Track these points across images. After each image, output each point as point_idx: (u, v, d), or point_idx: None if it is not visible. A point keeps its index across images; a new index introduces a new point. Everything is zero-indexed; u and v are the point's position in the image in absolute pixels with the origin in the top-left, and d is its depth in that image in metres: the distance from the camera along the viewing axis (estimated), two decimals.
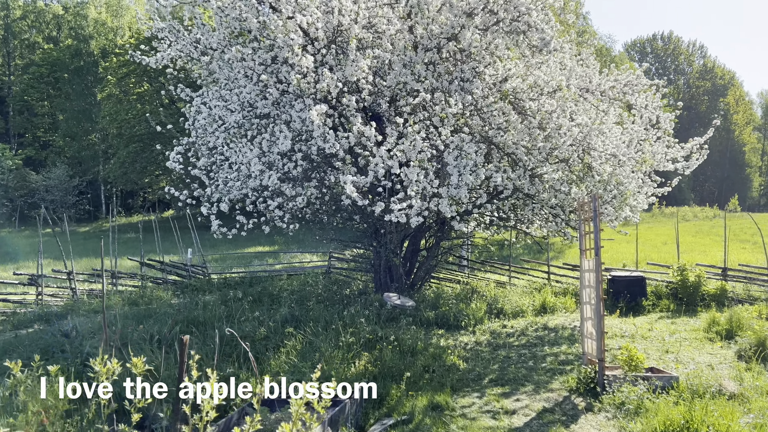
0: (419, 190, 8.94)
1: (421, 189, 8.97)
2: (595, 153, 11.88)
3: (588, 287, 7.94)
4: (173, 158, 11.02)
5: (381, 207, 8.68)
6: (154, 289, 15.43)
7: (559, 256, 27.08)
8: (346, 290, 15.85)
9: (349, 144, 9.58)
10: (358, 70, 9.87)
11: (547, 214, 13.65)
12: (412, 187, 8.78)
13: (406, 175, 8.82)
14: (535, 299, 15.17)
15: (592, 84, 12.21)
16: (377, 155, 8.97)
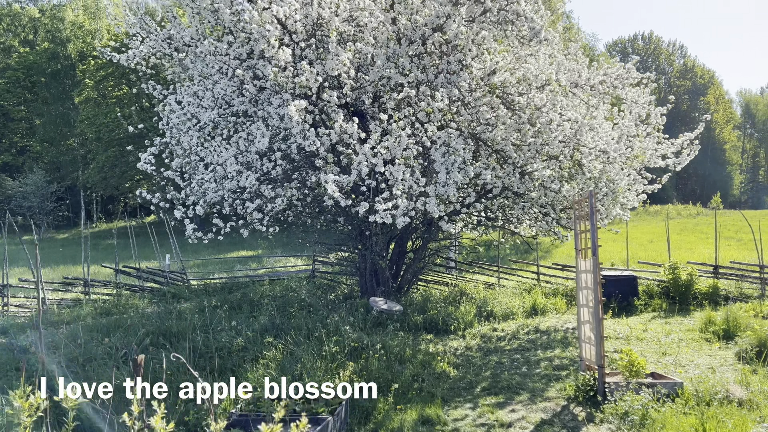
0: (405, 189, 8.46)
1: (407, 188, 8.49)
2: (585, 149, 11.49)
3: (585, 289, 7.49)
4: (145, 160, 10.44)
5: (365, 207, 8.19)
6: (129, 297, 14.79)
7: (546, 255, 26.77)
8: (330, 295, 15.32)
9: (330, 142, 9.08)
10: (339, 64, 9.38)
11: (537, 213, 13.24)
12: (397, 186, 8.29)
13: (391, 174, 8.33)
14: (525, 301, 14.75)
15: (582, 78, 11.81)
16: (360, 153, 8.48)
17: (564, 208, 12.37)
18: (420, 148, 8.99)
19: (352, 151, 8.61)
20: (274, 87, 9.23)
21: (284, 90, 8.94)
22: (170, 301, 15.22)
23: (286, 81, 8.76)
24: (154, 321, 10.18)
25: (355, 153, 8.87)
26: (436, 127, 8.69)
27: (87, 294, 14.32)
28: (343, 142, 9.19)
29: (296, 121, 8.42)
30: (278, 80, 8.61)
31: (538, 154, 10.15)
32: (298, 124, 8.58)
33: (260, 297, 13.92)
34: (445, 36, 8.77)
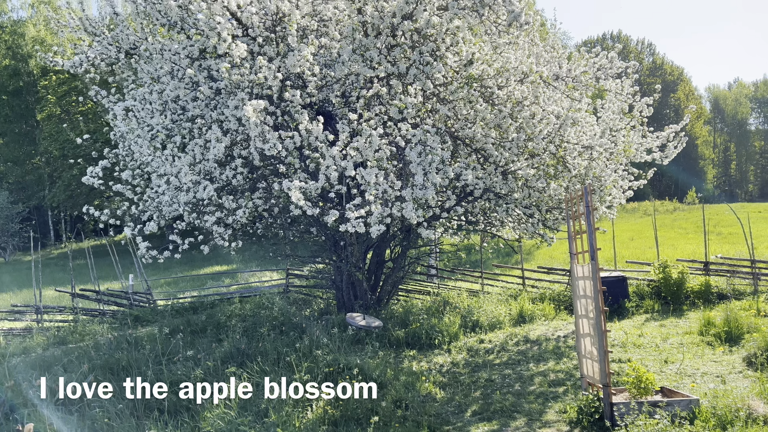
0: (379, 194, 7.60)
1: (381, 192, 7.63)
2: (569, 146, 10.77)
3: (584, 298, 6.69)
4: (91, 173, 9.44)
5: (335, 216, 7.32)
6: (87, 323, 13.67)
7: (528, 258, 26.09)
8: (306, 311, 14.39)
9: (294, 145, 8.19)
10: (301, 59, 8.51)
11: (521, 215, 12.48)
12: (370, 191, 7.44)
13: (363, 178, 7.47)
14: (512, 308, 13.99)
15: (563, 70, 11.11)
16: (328, 156, 7.61)
17: (550, 209, 11.63)
18: (394, 148, 8.15)
19: (320, 155, 7.74)
20: (231, 87, 8.32)
21: (240, 89, 8.04)
22: (133, 325, 14.15)
23: (241, 79, 7.86)
24: (104, 352, 9.15)
25: (322, 156, 8.00)
26: (410, 125, 7.87)
27: (39, 322, 13.20)
28: (309, 145, 8.31)
29: (254, 122, 7.53)
30: (232, 78, 7.72)
31: (521, 151, 9.39)
32: (256, 126, 7.68)
33: (228, 317, 12.92)
34: (415, 24, 7.98)
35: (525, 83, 9.28)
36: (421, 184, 7.42)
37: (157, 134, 9.71)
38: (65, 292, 14.31)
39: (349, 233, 12.14)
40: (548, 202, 11.29)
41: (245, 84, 8.01)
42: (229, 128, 8.86)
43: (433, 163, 7.42)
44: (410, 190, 7.42)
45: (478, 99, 8.56)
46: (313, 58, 9.27)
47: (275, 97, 8.78)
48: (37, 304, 13.26)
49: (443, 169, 7.69)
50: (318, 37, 9.81)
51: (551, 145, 9.69)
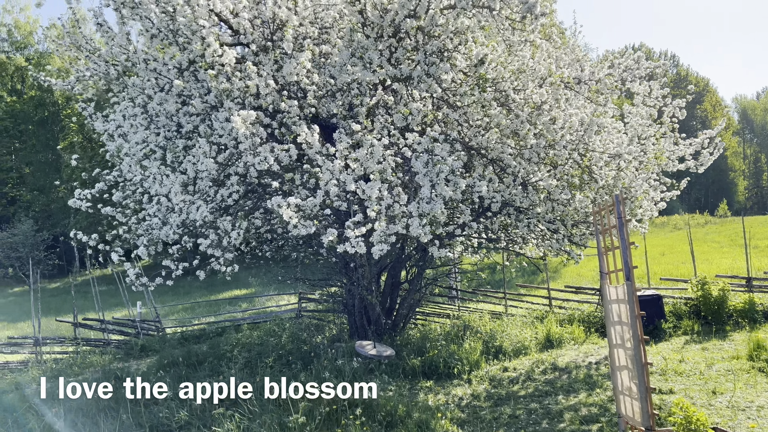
0: (382, 210, 6.80)
1: (385, 208, 6.83)
2: (594, 154, 9.87)
3: (618, 324, 5.77)
4: (78, 195, 8.81)
5: (332, 235, 6.52)
6: (89, 353, 13.03)
7: (555, 276, 25.00)
8: (317, 338, 13.56)
9: (290, 158, 7.45)
10: (298, 66, 7.82)
11: (544, 231, 11.55)
12: (372, 206, 6.64)
13: (364, 192, 6.68)
14: (538, 331, 13.00)
15: (585, 73, 10.24)
16: (325, 168, 6.84)
17: (576, 223, 10.69)
18: (399, 159, 7.35)
19: (318, 169, 6.98)
20: (220, 97, 7.63)
21: (230, 99, 7.35)
22: (138, 355, 13.48)
23: (229, 87, 7.17)
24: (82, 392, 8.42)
25: (320, 169, 7.23)
26: (417, 133, 7.10)
27: (38, 354, 12.59)
28: (307, 158, 7.58)
29: (243, 134, 6.81)
30: (218, 86, 7.04)
31: (541, 160, 8.52)
32: (246, 138, 6.97)
33: (235, 346, 12.15)
34: (419, 22, 7.23)
35: (544, 86, 8.45)
36: (428, 197, 6.60)
37: (149, 152, 9.06)
38: (66, 321, 13.71)
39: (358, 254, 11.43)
40: (574, 215, 10.36)
41: (235, 93, 7.32)
42: (220, 142, 8.16)
43: (441, 173, 6.61)
44: (416, 204, 6.60)
45: (491, 103, 7.74)
46: (313, 66, 8.58)
47: (270, 108, 8.08)
48: (36, 336, 12.66)
49: (454, 181, 6.88)
50: (318, 45, 9.13)
51: (575, 153, 8.81)
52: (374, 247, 6.37)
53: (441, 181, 6.59)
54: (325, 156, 7.23)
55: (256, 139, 7.13)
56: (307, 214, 7.09)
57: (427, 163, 6.79)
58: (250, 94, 7.60)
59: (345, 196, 7.31)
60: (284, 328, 14.30)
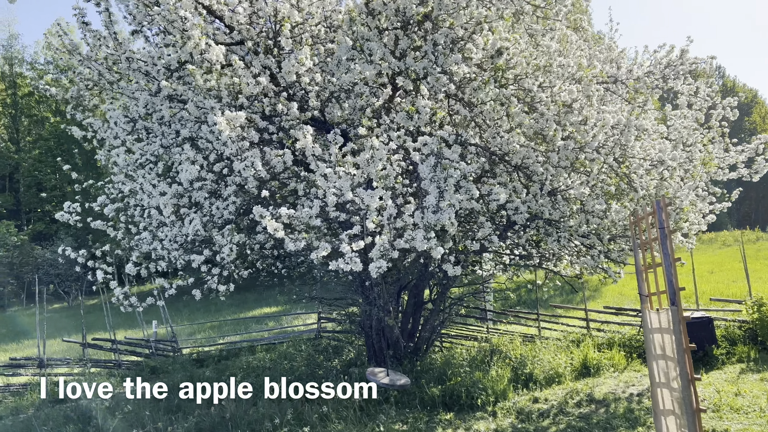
0: (384, 221, 5.93)
1: (387, 219, 5.96)
2: (633, 160, 8.82)
3: (662, 358, 4.73)
4: (67, 208, 8.21)
5: (325, 250, 5.67)
6: (96, 375, 12.43)
7: (595, 296, 23.55)
8: (333, 361, 12.69)
9: (284, 165, 6.67)
10: (296, 64, 7.07)
11: (579, 246, 10.47)
12: (371, 217, 5.78)
13: (362, 200, 5.83)
14: (574, 356, 11.86)
15: (621, 71, 9.22)
16: (318, 174, 6.02)
17: (613, 237, 9.61)
18: (405, 164, 6.48)
19: (315, 176, 6.17)
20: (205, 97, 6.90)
21: (216, 99, 6.63)
22: (148, 377, 12.83)
23: (215, 86, 6.44)
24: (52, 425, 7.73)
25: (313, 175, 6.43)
26: (427, 134, 6.23)
27: (43, 377, 12.06)
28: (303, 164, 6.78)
29: (228, 137, 6.06)
30: (205, 85, 6.32)
31: (572, 166, 7.52)
32: (232, 142, 6.22)
33: (243, 370, 11.38)
34: (425, 8, 6.39)
35: (575, 83, 7.48)
36: (435, 205, 5.70)
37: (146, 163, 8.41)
38: (74, 342, 13.18)
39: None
40: (610, 229, 9.30)
41: (223, 93, 6.59)
42: (217, 149, 7.43)
43: (450, 178, 5.71)
44: (420, 214, 5.71)
45: (510, 99, 6.81)
46: (317, 66, 7.82)
47: (268, 111, 7.34)
48: (41, 357, 12.14)
49: (466, 188, 5.96)
50: (324, 44, 8.38)
51: (610, 157, 7.78)
52: (372, 263, 5.49)
53: (450, 188, 5.69)
54: (321, 161, 6.43)
55: (245, 143, 6.37)
56: (302, 226, 6.28)
57: (435, 167, 5.90)
58: (244, 95, 6.87)
59: (344, 206, 6.47)
60: (300, 350, 13.50)
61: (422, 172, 5.97)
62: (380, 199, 5.94)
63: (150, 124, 8.03)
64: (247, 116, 6.97)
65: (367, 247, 5.99)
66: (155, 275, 8.29)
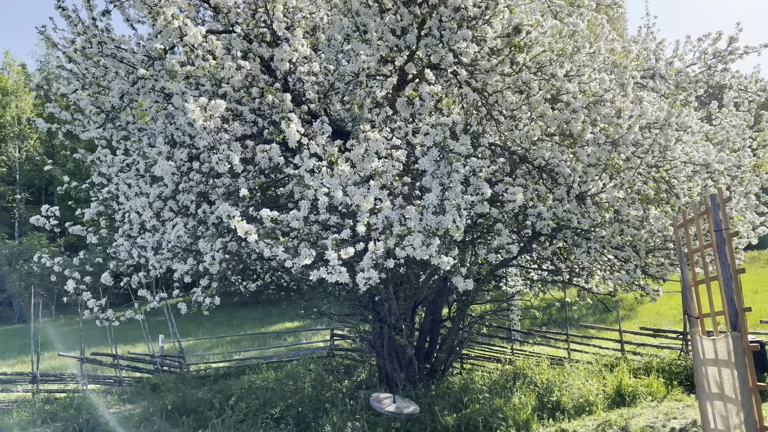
0: (379, 225, 5.04)
1: (384, 222, 5.06)
2: (676, 162, 7.78)
3: (719, 399, 3.70)
4: (46, 211, 7.52)
5: (307, 258, 4.80)
6: (93, 393, 11.73)
7: (630, 315, 22.16)
8: (343, 382, 11.75)
9: (270, 162, 5.84)
10: (289, 51, 6.28)
11: (612, 260, 9.41)
12: (362, 219, 4.90)
13: (353, 201, 4.96)
14: (607, 382, 10.71)
15: (660, 64, 8.20)
16: (304, 168, 5.17)
17: (651, 250, 8.54)
18: (410, 160, 5.60)
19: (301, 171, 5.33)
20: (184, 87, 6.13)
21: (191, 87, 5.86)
22: (149, 395, 12.08)
23: (192, 71, 5.67)
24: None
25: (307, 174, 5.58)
26: (429, 126, 5.33)
27: (36, 393, 11.41)
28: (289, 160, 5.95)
29: (201, 127, 5.26)
30: (174, 68, 5.56)
31: (602, 164, 6.51)
32: (207, 134, 5.42)
33: (244, 390, 10.54)
34: None
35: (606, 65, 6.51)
36: (437, 205, 4.79)
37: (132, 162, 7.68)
38: (70, 356, 12.54)
39: (383, 285, 9.64)
40: (648, 240, 8.23)
41: (205, 81, 5.82)
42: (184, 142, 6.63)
43: (455, 173, 4.79)
44: (417, 215, 4.79)
45: (530, 84, 5.86)
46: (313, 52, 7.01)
47: (256, 102, 6.54)
48: (34, 372, 11.50)
49: (476, 185, 5.03)
50: (324, 30, 7.57)
51: (648, 156, 6.75)
52: (360, 274, 4.59)
53: (455, 185, 4.77)
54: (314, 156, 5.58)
55: (224, 135, 5.56)
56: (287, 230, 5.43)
57: (437, 161, 4.99)
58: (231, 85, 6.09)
59: (337, 208, 5.61)
60: (309, 370, 12.61)
61: (422, 165, 5.07)
62: (380, 201, 5.06)
63: (131, 119, 7.30)
64: (231, 107, 6.18)
65: (360, 254, 5.10)
66: (141, 287, 7.53)
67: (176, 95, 6.83)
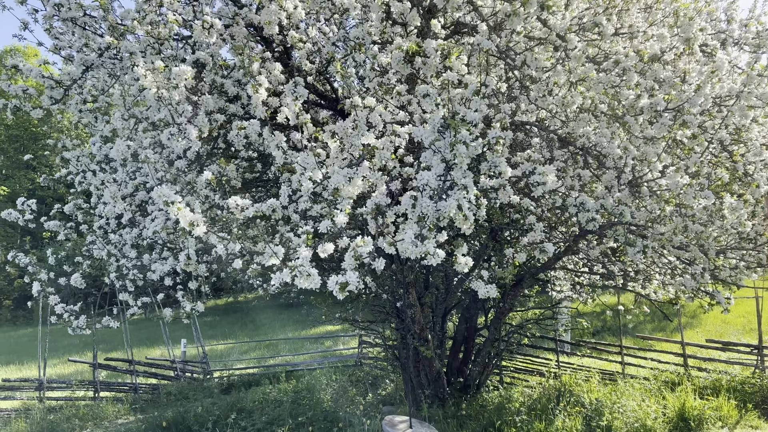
0: (368, 215, 3.93)
1: (374, 210, 3.95)
2: (754, 144, 6.35)
3: None
4: (21, 206, 6.71)
5: (273, 257, 3.74)
6: (103, 401, 11.02)
7: (692, 323, 20.23)
8: (367, 397, 10.66)
9: (246, 139, 4.81)
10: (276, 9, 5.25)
11: (674, 263, 8.00)
12: (342, 207, 3.81)
13: (332, 183, 3.86)
14: (668, 404, 9.29)
15: (733, 26, 6.77)
16: (273, 143, 4.12)
17: (723, 250, 7.10)
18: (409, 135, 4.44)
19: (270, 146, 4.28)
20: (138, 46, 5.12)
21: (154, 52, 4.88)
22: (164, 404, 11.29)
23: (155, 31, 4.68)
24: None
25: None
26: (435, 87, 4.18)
27: (41, 400, 10.77)
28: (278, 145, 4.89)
29: (154, 95, 4.27)
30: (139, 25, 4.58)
31: (662, 136, 5.18)
32: (162, 103, 4.43)
33: (257, 403, 9.59)
34: None
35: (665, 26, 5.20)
36: (437, 187, 3.63)
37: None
38: (81, 362, 11.87)
39: (405, 290, 8.51)
40: (719, 238, 6.81)
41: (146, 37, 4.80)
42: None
43: (460, 145, 3.61)
44: (410, 200, 3.63)
45: (568, 36, 4.60)
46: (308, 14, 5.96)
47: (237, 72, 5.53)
48: (40, 378, 10.87)
49: (492, 162, 3.84)
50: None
51: (722, 132, 5.39)
52: (334, 277, 3.49)
53: (463, 161, 3.59)
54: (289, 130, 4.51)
55: (186, 107, 4.55)
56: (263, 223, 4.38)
57: (439, 129, 3.82)
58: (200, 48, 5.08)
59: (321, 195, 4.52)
60: (334, 380, 11.57)
61: (417, 135, 3.90)
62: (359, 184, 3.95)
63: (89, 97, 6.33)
64: (202, 76, 5.18)
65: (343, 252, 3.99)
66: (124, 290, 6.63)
67: (127, 56, 5.79)
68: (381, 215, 4.01)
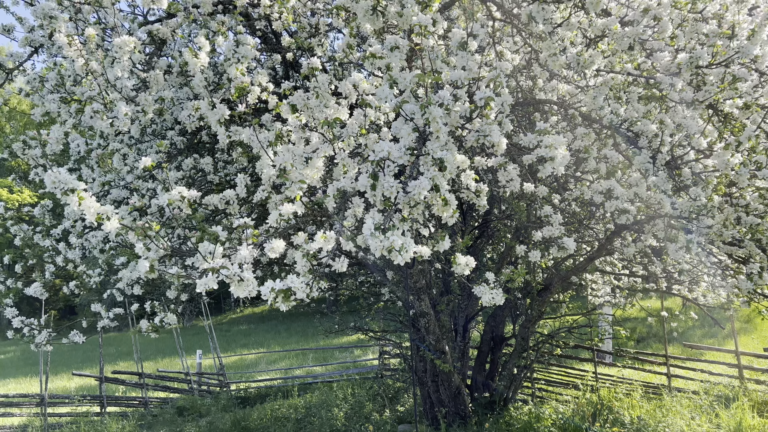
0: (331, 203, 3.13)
1: (335, 197, 3.14)
2: None
3: None
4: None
5: (210, 256, 2.97)
6: (107, 417, 10.45)
7: (746, 329, 18.67)
8: (383, 412, 9.82)
9: (200, 123, 4.07)
10: None
11: (724, 261, 6.94)
12: (292, 192, 3.01)
13: (279, 163, 3.07)
14: (721, 422, 8.17)
15: None
16: (213, 118, 3.36)
17: None
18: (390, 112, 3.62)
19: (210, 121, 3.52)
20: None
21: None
22: (171, 420, 10.67)
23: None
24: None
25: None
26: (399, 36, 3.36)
27: (43, 416, 10.26)
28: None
29: (81, 70, 3.55)
30: None
31: (705, 101, 4.20)
32: (93, 77, 3.71)
33: (264, 421, 8.86)
34: None
35: None
36: (403, 164, 2.75)
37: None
38: (86, 375, 11.35)
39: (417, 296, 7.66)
40: None
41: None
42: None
43: (437, 107, 2.73)
44: (368, 179, 2.79)
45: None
46: None
47: None
48: (42, 393, 10.38)
49: (481, 132, 2.96)
50: None
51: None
52: (269, 283, 2.69)
53: (439, 128, 2.73)
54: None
55: (125, 82, 3.83)
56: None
57: (414, 89, 2.96)
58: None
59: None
60: (351, 394, 10.76)
61: (380, 94, 3.06)
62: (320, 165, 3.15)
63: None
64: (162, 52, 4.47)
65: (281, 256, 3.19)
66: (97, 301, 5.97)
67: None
68: (346, 202, 3.19)
